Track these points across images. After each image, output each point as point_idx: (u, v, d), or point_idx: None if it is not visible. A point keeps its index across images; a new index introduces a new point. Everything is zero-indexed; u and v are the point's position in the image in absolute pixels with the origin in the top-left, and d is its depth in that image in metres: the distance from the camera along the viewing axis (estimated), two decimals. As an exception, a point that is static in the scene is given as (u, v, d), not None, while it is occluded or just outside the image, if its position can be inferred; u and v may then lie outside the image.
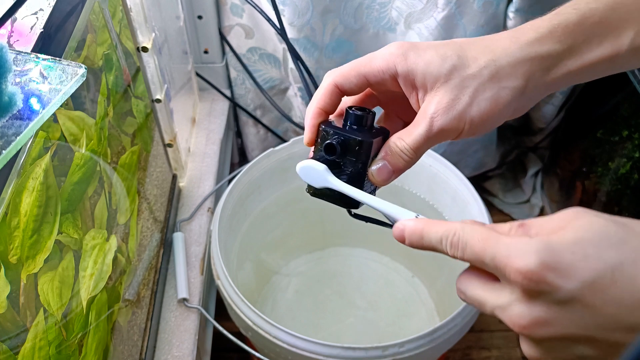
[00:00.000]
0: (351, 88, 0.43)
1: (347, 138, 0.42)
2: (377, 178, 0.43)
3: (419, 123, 0.41)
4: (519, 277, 0.30)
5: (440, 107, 0.40)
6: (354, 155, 0.42)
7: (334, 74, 0.43)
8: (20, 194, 0.47)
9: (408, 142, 0.41)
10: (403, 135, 0.42)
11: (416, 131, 0.41)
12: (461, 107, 0.40)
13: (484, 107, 0.40)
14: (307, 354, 0.79)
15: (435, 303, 1.22)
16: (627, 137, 1.12)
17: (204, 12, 1.14)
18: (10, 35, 0.48)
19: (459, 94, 0.40)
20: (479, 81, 0.39)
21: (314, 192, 0.44)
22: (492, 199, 1.53)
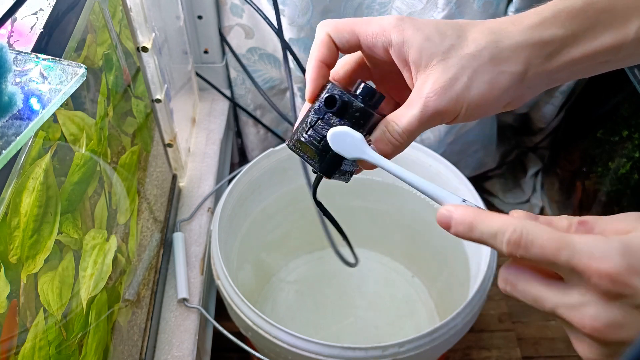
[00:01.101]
0: (342, 44, 0.40)
1: (351, 100, 0.39)
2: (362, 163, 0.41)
3: (412, 104, 0.38)
4: (603, 279, 0.28)
5: (437, 87, 0.37)
6: (350, 121, 0.39)
7: (327, 25, 0.41)
8: (20, 194, 0.47)
9: (400, 125, 0.38)
10: (395, 117, 0.39)
11: (409, 113, 0.38)
12: (459, 88, 0.37)
13: (482, 91, 0.38)
14: (307, 354, 0.79)
15: (435, 303, 1.22)
16: (627, 137, 1.12)
17: (204, 12, 1.14)
18: (10, 35, 0.48)
19: (457, 74, 0.37)
20: (479, 62, 0.37)
21: (293, 145, 0.41)
22: (492, 199, 1.53)
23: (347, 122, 0.39)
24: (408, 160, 1.08)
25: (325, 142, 0.39)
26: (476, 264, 0.97)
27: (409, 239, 1.24)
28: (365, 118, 0.39)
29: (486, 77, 0.38)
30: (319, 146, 0.40)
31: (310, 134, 0.40)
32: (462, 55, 0.37)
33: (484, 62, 0.37)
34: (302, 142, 0.41)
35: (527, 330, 1.32)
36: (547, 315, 1.39)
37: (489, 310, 1.34)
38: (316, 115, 0.40)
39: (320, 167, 0.41)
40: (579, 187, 1.32)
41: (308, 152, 0.41)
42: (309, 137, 0.40)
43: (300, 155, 0.41)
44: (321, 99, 0.40)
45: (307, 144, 0.41)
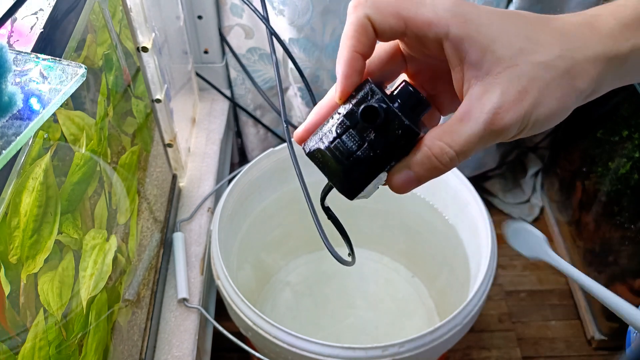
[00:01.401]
0: (384, 30, 0.32)
1: (396, 114, 0.32)
2: (395, 186, 0.34)
3: (469, 118, 0.31)
4: None
5: (508, 100, 0.31)
6: (391, 139, 0.32)
7: (366, 4, 0.32)
8: (20, 194, 0.47)
9: (455, 146, 0.31)
10: (445, 136, 0.31)
11: (467, 130, 0.31)
12: (528, 104, 0.31)
13: (552, 108, 0.32)
14: (307, 354, 0.79)
15: (435, 303, 1.22)
16: (627, 137, 1.12)
17: (204, 12, 1.14)
18: (10, 35, 0.48)
19: (528, 86, 0.31)
20: (552, 75, 0.31)
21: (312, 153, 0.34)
22: (492, 199, 1.53)
23: (384, 143, 0.32)
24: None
25: (355, 160, 0.33)
26: (476, 264, 0.97)
27: (409, 239, 1.24)
28: (409, 139, 0.32)
29: (558, 93, 0.32)
30: (345, 163, 0.33)
31: (337, 144, 0.33)
32: (533, 62, 0.31)
33: (557, 74, 0.31)
34: (324, 153, 0.33)
35: (527, 330, 1.32)
36: (547, 315, 1.39)
37: (489, 310, 1.34)
38: (347, 122, 0.33)
39: (342, 187, 0.34)
40: (579, 187, 1.32)
41: (329, 166, 0.34)
42: (335, 148, 0.33)
43: (319, 167, 0.34)
44: (357, 104, 0.33)
45: (329, 156, 0.33)
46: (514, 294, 1.38)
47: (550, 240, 1.46)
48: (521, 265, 1.43)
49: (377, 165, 0.33)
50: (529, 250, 0.33)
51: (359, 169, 0.33)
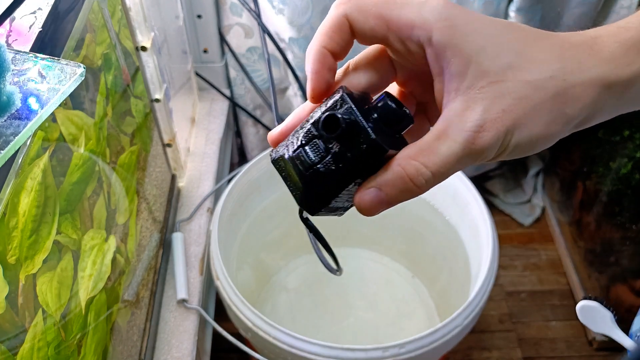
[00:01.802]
0: (364, 31, 0.30)
1: (362, 127, 0.29)
2: (362, 206, 0.30)
3: (447, 135, 0.28)
4: None
5: (489, 119, 0.28)
6: (355, 153, 0.29)
7: (348, 4, 0.30)
8: (18, 194, 0.47)
9: (430, 165, 0.28)
10: (420, 154, 0.28)
11: (445, 148, 0.28)
12: (512, 124, 0.28)
13: (536, 134, 0.29)
14: (307, 354, 0.79)
15: (435, 303, 1.22)
16: (628, 137, 1.12)
17: (203, 12, 1.13)
18: (9, 34, 0.48)
19: (513, 106, 0.28)
20: (540, 96, 0.28)
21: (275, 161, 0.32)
22: (493, 199, 1.52)
23: (348, 157, 0.29)
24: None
25: (315, 173, 0.30)
26: (477, 264, 0.97)
27: (409, 239, 1.23)
28: (376, 155, 0.29)
29: (545, 117, 0.29)
30: (305, 175, 0.30)
31: (299, 154, 0.30)
32: (521, 80, 0.28)
33: (547, 97, 0.28)
34: (286, 162, 0.31)
35: (527, 330, 1.31)
36: (547, 316, 1.39)
37: (489, 310, 1.34)
38: (312, 132, 0.30)
39: (301, 201, 0.31)
40: (580, 187, 1.32)
41: (291, 177, 0.31)
42: (296, 158, 0.30)
43: (282, 177, 0.32)
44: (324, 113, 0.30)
45: (291, 166, 0.31)
46: (515, 295, 1.38)
47: (551, 241, 1.46)
48: (522, 265, 1.43)
49: (340, 181, 0.30)
50: (595, 327, 0.37)
51: (320, 184, 0.30)
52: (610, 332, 0.37)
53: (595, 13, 1.10)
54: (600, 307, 0.36)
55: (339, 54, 0.31)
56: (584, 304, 0.37)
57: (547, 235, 1.48)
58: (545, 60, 0.29)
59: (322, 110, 0.30)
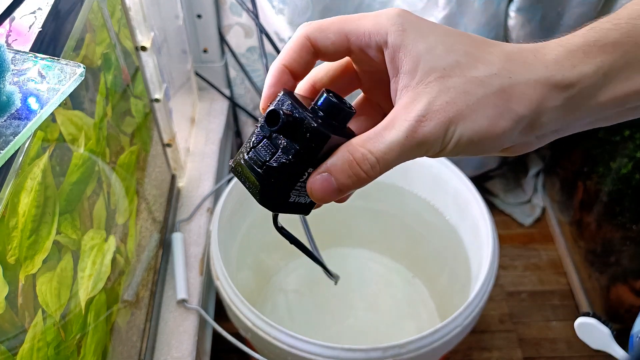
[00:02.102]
0: (326, 46, 0.33)
1: (302, 117, 0.31)
2: (314, 193, 0.31)
3: (393, 125, 0.30)
4: None
5: (432, 110, 0.29)
6: (301, 144, 0.31)
7: (309, 25, 0.33)
8: (18, 194, 0.47)
9: (376, 153, 0.30)
10: (367, 142, 0.30)
11: (389, 137, 0.30)
12: (454, 115, 0.30)
13: (479, 127, 0.30)
14: (307, 355, 0.79)
15: (435, 304, 1.22)
16: (629, 137, 1.12)
17: (203, 11, 1.13)
18: (9, 34, 0.48)
19: (457, 98, 0.30)
20: (485, 91, 0.30)
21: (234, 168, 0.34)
22: (493, 199, 1.52)
23: (295, 148, 0.31)
24: (409, 161, 1.08)
25: (268, 168, 0.31)
26: (477, 264, 0.97)
27: (409, 239, 1.23)
28: (319, 141, 0.31)
29: (489, 111, 0.30)
30: (260, 173, 0.32)
31: (252, 155, 0.32)
32: (467, 77, 0.30)
33: (491, 92, 0.30)
34: (243, 165, 0.32)
35: (528, 330, 1.31)
36: (548, 316, 1.39)
37: (489, 311, 1.34)
38: (261, 133, 0.32)
39: (262, 199, 0.33)
40: (580, 187, 1.32)
41: (248, 179, 0.33)
42: (250, 159, 0.32)
43: (242, 182, 0.33)
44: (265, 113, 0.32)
45: (247, 168, 0.32)
46: (515, 295, 1.38)
47: (551, 241, 1.46)
48: (522, 265, 1.43)
49: (293, 173, 0.32)
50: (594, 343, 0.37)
51: (275, 179, 0.32)
52: (609, 349, 0.37)
53: (595, 13, 1.10)
54: (598, 323, 0.37)
55: (297, 71, 0.34)
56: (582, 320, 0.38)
57: (547, 236, 1.48)
58: (492, 61, 0.31)
59: (268, 111, 0.32)
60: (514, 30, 1.09)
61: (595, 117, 0.32)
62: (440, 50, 0.30)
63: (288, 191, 0.32)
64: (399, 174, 1.13)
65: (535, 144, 0.34)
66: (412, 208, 1.16)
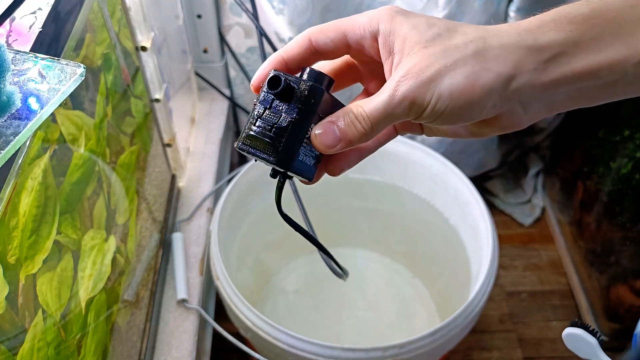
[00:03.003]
0: (326, 44, 0.38)
1: (298, 80, 0.36)
2: (319, 140, 0.36)
3: (383, 90, 0.35)
4: None
5: (410, 72, 0.34)
6: (301, 104, 0.36)
7: (312, 28, 0.38)
8: (19, 194, 0.47)
9: (366, 110, 0.35)
10: (362, 102, 0.36)
11: (377, 98, 0.35)
12: (431, 73, 0.33)
13: (457, 83, 0.33)
14: (307, 355, 0.79)
15: (435, 304, 1.22)
16: (629, 136, 1.12)
17: (203, 11, 1.13)
18: (9, 34, 0.48)
19: (434, 61, 0.34)
20: (461, 54, 0.34)
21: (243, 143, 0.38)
22: (493, 199, 1.52)
23: (297, 107, 0.36)
24: (409, 161, 1.08)
25: (278, 128, 0.36)
26: (477, 264, 0.97)
27: (409, 239, 1.23)
28: (317, 96, 0.36)
29: (466, 70, 0.33)
30: (271, 135, 0.37)
31: (260, 124, 0.37)
32: (445, 45, 0.34)
33: (467, 54, 0.34)
34: (253, 136, 0.37)
35: (528, 330, 1.31)
36: (548, 316, 1.39)
37: (489, 310, 1.34)
38: (262, 105, 0.37)
39: (276, 159, 0.37)
40: (580, 187, 1.32)
41: (260, 146, 0.37)
42: (259, 128, 0.37)
43: (252, 153, 0.37)
44: (264, 83, 0.37)
45: (258, 137, 0.37)
46: (515, 295, 1.38)
47: (551, 241, 1.46)
48: (522, 265, 1.43)
49: (300, 128, 0.37)
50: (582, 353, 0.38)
51: (286, 135, 0.36)
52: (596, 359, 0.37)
53: (596, 13, 1.10)
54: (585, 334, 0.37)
55: (293, 68, 0.39)
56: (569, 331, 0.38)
57: (547, 236, 1.48)
58: (468, 32, 0.35)
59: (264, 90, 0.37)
60: (514, 30, 1.09)
61: (572, 88, 0.35)
62: (424, 27, 0.35)
63: (298, 147, 0.37)
64: (399, 174, 1.13)
65: (524, 119, 0.37)
66: (412, 208, 1.16)
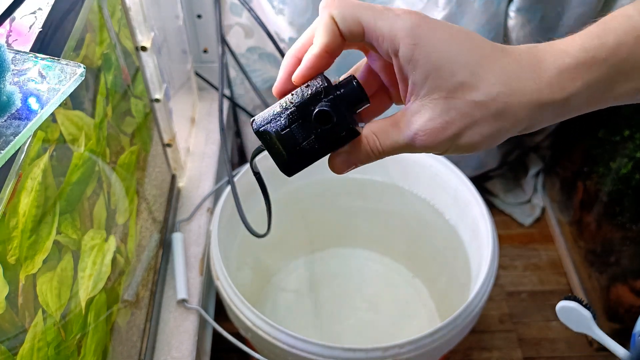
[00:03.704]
0: (344, 32, 0.36)
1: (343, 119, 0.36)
2: (336, 168, 0.39)
3: (400, 128, 0.36)
4: None
5: (429, 128, 0.35)
6: (333, 136, 0.37)
7: (332, 5, 0.36)
8: (18, 194, 0.47)
9: (382, 145, 0.37)
10: (379, 133, 0.37)
11: (394, 137, 0.36)
12: (451, 133, 0.35)
13: (475, 141, 0.36)
14: (307, 355, 0.79)
15: (436, 304, 1.22)
16: (629, 136, 1.12)
17: (203, 11, 1.13)
18: (9, 34, 0.48)
19: (455, 119, 0.35)
20: (482, 114, 0.35)
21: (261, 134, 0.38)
22: (493, 199, 1.52)
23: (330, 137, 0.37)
24: (409, 161, 1.08)
25: (300, 150, 0.37)
26: (477, 264, 0.97)
27: (409, 239, 1.23)
28: (350, 137, 0.37)
29: (484, 130, 0.35)
30: (290, 150, 0.37)
31: (286, 134, 0.37)
32: (467, 100, 0.34)
33: (487, 115, 0.35)
34: (272, 137, 0.37)
35: (528, 330, 1.31)
36: (548, 316, 1.39)
37: (489, 310, 1.34)
38: (297, 114, 0.36)
39: (284, 168, 0.38)
40: (580, 187, 1.32)
41: (275, 149, 0.38)
42: (283, 137, 0.37)
43: (265, 146, 0.38)
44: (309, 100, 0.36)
45: (277, 142, 0.37)
46: (515, 295, 1.38)
47: (551, 241, 1.46)
48: (522, 265, 1.43)
49: (319, 155, 0.38)
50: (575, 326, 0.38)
51: (303, 157, 0.37)
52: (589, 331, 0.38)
53: (596, 13, 1.10)
54: (580, 307, 0.38)
55: (336, 53, 0.37)
56: (563, 304, 0.38)
57: (547, 236, 1.48)
58: (494, 82, 0.34)
59: (306, 97, 0.36)
60: (514, 31, 1.09)
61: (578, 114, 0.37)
62: (449, 69, 0.34)
63: (308, 164, 0.38)
64: (399, 174, 1.13)
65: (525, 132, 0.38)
66: (412, 208, 1.16)
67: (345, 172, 0.39)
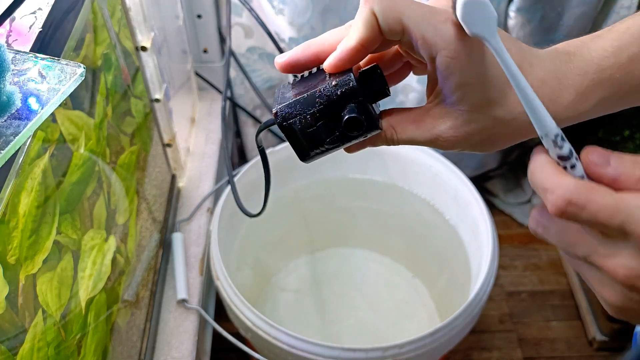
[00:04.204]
0: (383, 29, 0.35)
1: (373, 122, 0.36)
2: (349, 150, 0.40)
3: (420, 128, 0.38)
4: None
5: (450, 135, 0.37)
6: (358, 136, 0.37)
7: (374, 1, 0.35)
8: (18, 194, 0.47)
9: (399, 138, 0.38)
10: (398, 127, 0.38)
11: (412, 133, 0.38)
12: (469, 143, 0.37)
13: (489, 148, 0.38)
14: (307, 355, 0.79)
15: (435, 304, 1.22)
16: (629, 137, 1.12)
17: (203, 12, 1.13)
18: (9, 34, 0.48)
19: (475, 130, 0.37)
20: (500, 129, 0.37)
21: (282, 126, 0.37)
22: (493, 199, 1.52)
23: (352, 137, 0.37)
24: (408, 160, 1.08)
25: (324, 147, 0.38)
26: (477, 264, 0.97)
27: (409, 239, 1.23)
28: (370, 132, 0.37)
29: (499, 144, 0.38)
30: (313, 146, 0.38)
31: (311, 132, 0.37)
32: (491, 117, 0.36)
33: (506, 131, 0.37)
34: (296, 131, 0.37)
35: (528, 330, 1.31)
36: (548, 316, 1.39)
37: (489, 310, 1.34)
38: (325, 111, 0.36)
39: (302, 157, 0.39)
40: (580, 187, 1.32)
41: (298, 141, 0.38)
42: (308, 134, 0.37)
43: (286, 136, 0.38)
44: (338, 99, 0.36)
45: (300, 136, 0.37)
46: (515, 295, 1.38)
47: (550, 241, 1.46)
48: (522, 265, 1.43)
49: (339, 147, 0.38)
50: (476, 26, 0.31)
51: (324, 150, 0.38)
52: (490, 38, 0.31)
53: (596, 13, 1.10)
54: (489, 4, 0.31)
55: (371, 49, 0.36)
56: None
57: (547, 235, 1.48)
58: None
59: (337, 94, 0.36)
60: (513, 31, 1.09)
61: None
62: (479, 86, 0.35)
63: (325, 155, 0.39)
64: (399, 174, 1.13)
65: None
66: (412, 208, 1.16)
67: (356, 151, 0.40)
